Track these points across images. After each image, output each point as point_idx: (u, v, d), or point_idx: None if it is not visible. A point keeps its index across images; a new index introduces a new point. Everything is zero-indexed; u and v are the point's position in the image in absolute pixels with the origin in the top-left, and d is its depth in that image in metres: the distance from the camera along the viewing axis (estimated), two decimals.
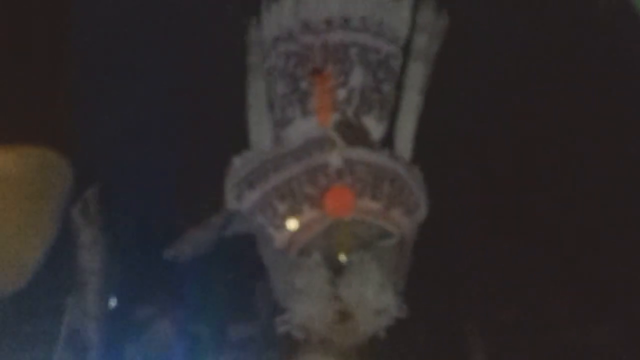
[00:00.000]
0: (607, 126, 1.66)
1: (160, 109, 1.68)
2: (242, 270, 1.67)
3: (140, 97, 1.67)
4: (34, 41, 1.31)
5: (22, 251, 1.25)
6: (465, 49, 1.59)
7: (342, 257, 1.46)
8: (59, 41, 1.35)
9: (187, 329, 1.73)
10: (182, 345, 1.73)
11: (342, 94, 1.49)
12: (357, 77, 1.49)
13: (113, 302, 1.70)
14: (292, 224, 1.46)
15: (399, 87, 1.53)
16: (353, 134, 1.48)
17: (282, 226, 1.46)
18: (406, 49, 1.54)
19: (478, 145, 1.63)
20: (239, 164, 1.51)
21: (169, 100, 1.67)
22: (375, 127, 1.51)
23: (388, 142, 1.52)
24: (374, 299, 1.44)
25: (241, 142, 1.55)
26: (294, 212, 1.46)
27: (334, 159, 1.46)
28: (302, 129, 1.49)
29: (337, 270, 1.46)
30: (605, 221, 1.63)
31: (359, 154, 1.47)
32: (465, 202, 1.56)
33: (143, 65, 1.67)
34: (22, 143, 1.26)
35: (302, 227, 1.46)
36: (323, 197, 1.45)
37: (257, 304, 1.73)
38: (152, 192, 1.67)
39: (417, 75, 1.54)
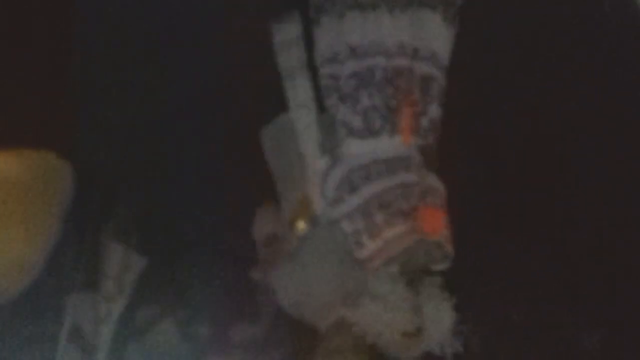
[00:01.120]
0: (612, 126, 1.66)
1: (165, 110, 1.69)
2: (245, 270, 1.67)
3: (146, 98, 1.67)
4: (35, 43, 1.31)
5: (24, 253, 1.26)
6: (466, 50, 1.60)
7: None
8: (61, 42, 1.35)
9: (191, 330, 1.74)
10: (186, 346, 1.74)
11: (424, 121, 1.51)
12: (434, 111, 1.52)
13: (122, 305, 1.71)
14: (386, 235, 1.45)
15: None
16: (431, 161, 1.50)
17: (377, 235, 1.45)
18: None
19: (480, 144, 1.63)
20: (325, 166, 1.51)
21: (176, 100, 1.67)
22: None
23: None
24: (449, 318, 1.46)
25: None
26: (389, 224, 1.45)
27: (421, 179, 1.47)
28: (388, 143, 1.50)
29: (411, 285, 1.47)
30: (608, 222, 1.63)
31: (435, 181, 1.50)
32: (465, 201, 1.56)
33: (148, 66, 1.67)
34: (23, 145, 1.27)
35: (394, 240, 1.46)
36: (416, 213, 1.45)
37: (261, 304, 1.73)
38: (156, 193, 1.67)
39: None
